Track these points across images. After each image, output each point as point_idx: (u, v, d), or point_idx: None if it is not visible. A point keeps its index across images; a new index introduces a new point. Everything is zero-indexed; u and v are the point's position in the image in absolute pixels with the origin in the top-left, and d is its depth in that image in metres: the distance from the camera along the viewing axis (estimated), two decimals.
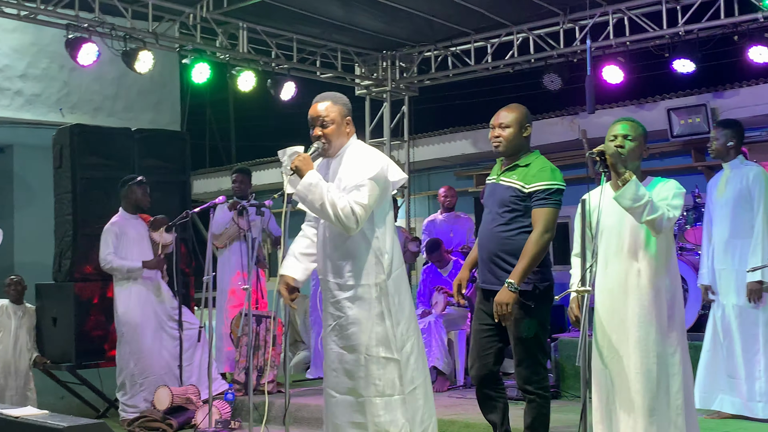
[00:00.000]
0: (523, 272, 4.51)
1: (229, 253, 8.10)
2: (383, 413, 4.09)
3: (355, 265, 4.15)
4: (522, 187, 4.62)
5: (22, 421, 4.03)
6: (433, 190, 11.59)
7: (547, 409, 4.73)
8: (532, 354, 4.65)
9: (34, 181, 10.39)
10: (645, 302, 3.89)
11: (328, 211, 4.02)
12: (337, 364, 4.21)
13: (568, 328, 8.79)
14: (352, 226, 4.04)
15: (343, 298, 4.18)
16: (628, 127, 4.01)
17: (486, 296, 4.79)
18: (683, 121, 9.26)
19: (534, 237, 4.54)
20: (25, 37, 10.14)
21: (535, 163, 4.69)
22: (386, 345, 4.12)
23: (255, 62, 9.40)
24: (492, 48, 9.85)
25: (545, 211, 4.57)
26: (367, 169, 4.10)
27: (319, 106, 4.26)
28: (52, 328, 7.94)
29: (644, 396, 3.84)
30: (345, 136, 4.28)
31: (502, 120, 4.72)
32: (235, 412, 6.91)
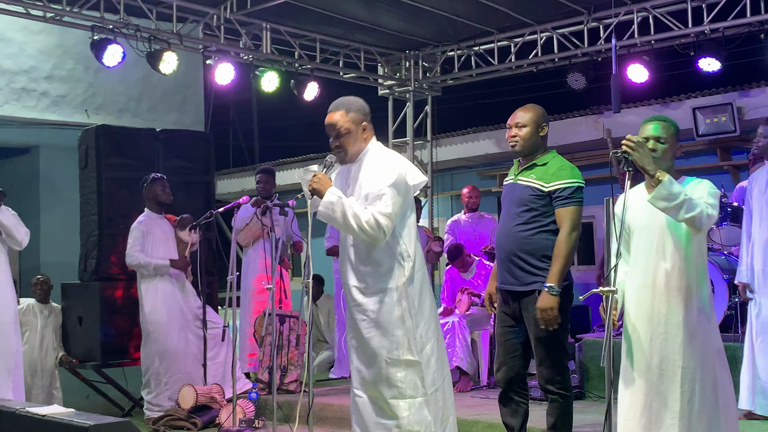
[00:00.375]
0: (559, 274, 4.50)
1: (253, 252, 8.12)
2: (407, 414, 4.10)
3: (377, 269, 4.17)
4: (541, 186, 4.62)
5: (49, 420, 4.07)
6: (457, 190, 11.58)
7: (570, 409, 4.72)
8: (553, 353, 4.63)
9: (59, 181, 10.47)
10: (673, 303, 3.83)
11: (353, 226, 4.05)
12: (361, 366, 4.24)
13: (592, 328, 8.76)
14: (379, 237, 4.07)
15: (364, 302, 4.19)
16: (659, 127, 3.92)
17: (505, 298, 4.79)
18: (709, 120, 9.18)
19: (563, 236, 4.54)
20: (50, 39, 10.22)
21: (553, 162, 4.69)
22: (407, 348, 4.13)
23: (278, 63, 9.43)
24: (515, 47, 9.83)
25: (570, 210, 4.57)
26: (387, 176, 4.10)
27: (334, 116, 4.26)
28: (77, 327, 8.01)
29: (671, 397, 3.78)
30: (362, 142, 4.28)
31: (518, 120, 4.73)
32: (259, 411, 6.93)
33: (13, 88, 10.07)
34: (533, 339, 4.66)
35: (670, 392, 3.78)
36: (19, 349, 6.60)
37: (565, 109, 11.06)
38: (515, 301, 4.71)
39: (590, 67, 9.20)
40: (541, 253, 4.60)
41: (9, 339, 6.41)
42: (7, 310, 6.46)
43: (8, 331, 6.43)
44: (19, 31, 9.95)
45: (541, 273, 4.59)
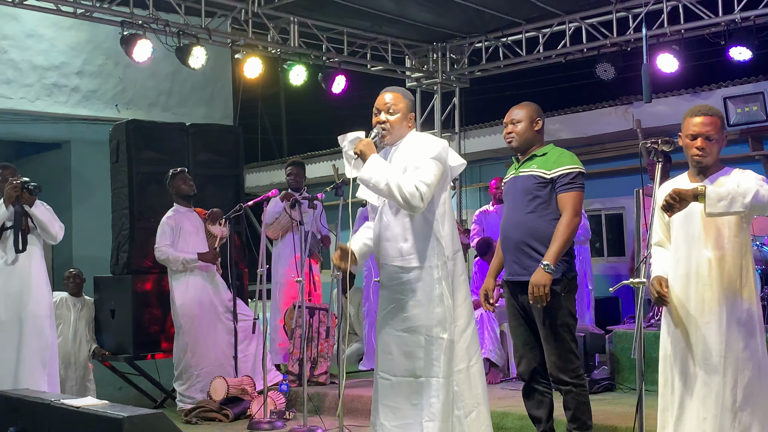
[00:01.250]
0: (557, 254, 4.57)
1: (282, 245, 8.16)
2: (439, 393, 4.10)
3: (416, 246, 4.19)
4: (544, 174, 4.71)
5: (83, 411, 4.12)
6: (485, 182, 11.55)
7: (586, 397, 4.73)
8: (563, 342, 4.66)
9: (91, 175, 10.57)
10: (716, 291, 3.80)
11: (393, 191, 4.07)
12: (394, 347, 4.23)
13: (623, 320, 8.72)
14: (418, 205, 4.08)
15: (405, 280, 4.20)
16: (701, 122, 3.89)
17: (513, 291, 4.84)
18: (740, 110, 9.09)
19: (565, 221, 4.62)
20: (81, 35, 10.31)
21: (552, 151, 4.82)
22: (443, 325, 4.14)
23: (306, 56, 9.45)
24: (543, 38, 9.77)
25: (572, 195, 4.66)
26: (429, 150, 4.18)
27: (388, 95, 4.37)
28: (110, 320, 8.09)
29: (708, 389, 3.74)
30: (406, 129, 4.36)
31: (513, 117, 4.89)
32: (290, 402, 6.97)
33: (45, 84, 10.18)
34: (541, 330, 4.70)
35: (714, 382, 3.74)
36: (54, 343, 6.66)
37: (594, 100, 10.99)
38: (524, 294, 4.73)
39: (619, 57, 9.14)
40: (548, 239, 4.65)
41: (44, 332, 6.48)
42: (43, 303, 6.52)
43: (43, 324, 6.49)
44: (49, 27, 10.06)
45: None
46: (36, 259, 6.55)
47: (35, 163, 11.36)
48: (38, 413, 4.47)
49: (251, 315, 7.41)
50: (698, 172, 3.96)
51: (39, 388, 6.10)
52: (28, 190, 6.40)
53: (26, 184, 6.39)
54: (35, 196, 6.43)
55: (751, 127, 9.17)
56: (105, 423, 3.93)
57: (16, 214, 6.38)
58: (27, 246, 6.40)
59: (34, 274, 6.50)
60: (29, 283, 6.45)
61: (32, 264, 6.50)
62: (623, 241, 11.15)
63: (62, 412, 4.29)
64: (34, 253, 6.51)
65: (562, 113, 11.07)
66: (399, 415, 4.19)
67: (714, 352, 3.77)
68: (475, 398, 4.24)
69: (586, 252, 8.43)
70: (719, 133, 3.92)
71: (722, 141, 3.95)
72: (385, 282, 4.33)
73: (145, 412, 4.01)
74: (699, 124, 3.90)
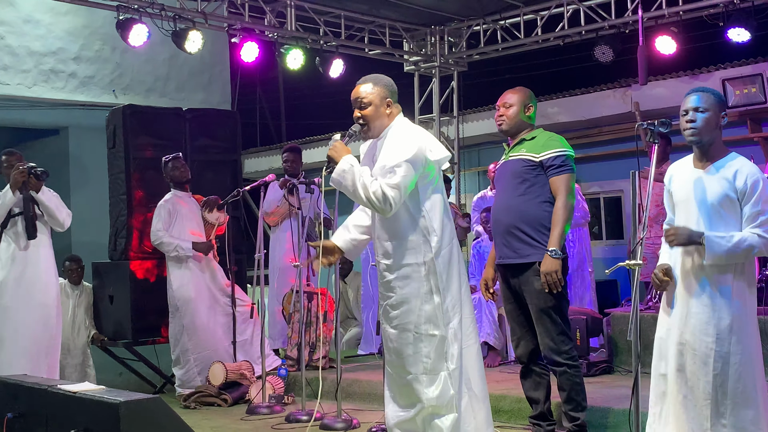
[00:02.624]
0: (560, 237, 4.65)
1: (280, 231, 8.15)
2: (430, 390, 4.11)
3: (402, 245, 4.18)
4: (533, 157, 4.77)
5: (81, 396, 4.12)
6: (483, 166, 11.52)
7: (580, 378, 4.77)
8: (557, 323, 4.71)
9: (89, 161, 10.55)
10: (712, 280, 3.75)
11: (361, 195, 4.07)
12: (389, 343, 4.27)
13: (621, 303, 8.72)
14: (385, 209, 4.06)
15: (392, 279, 4.21)
16: (697, 98, 3.83)
17: (504, 275, 4.90)
18: (738, 92, 9.06)
19: (560, 203, 4.69)
20: (77, 20, 10.27)
21: (540, 135, 4.87)
22: (434, 322, 4.14)
23: (303, 40, 9.42)
24: (542, 20, 9.74)
25: (564, 177, 4.73)
26: (404, 150, 4.10)
27: (359, 88, 4.31)
28: (108, 305, 8.10)
29: (703, 378, 3.71)
30: (385, 117, 4.28)
31: (506, 100, 4.93)
32: (288, 387, 6.99)
33: (42, 70, 10.15)
34: (534, 312, 4.76)
35: (703, 373, 3.71)
36: (58, 332, 6.61)
37: (592, 83, 10.95)
38: (515, 278, 4.81)
39: (617, 39, 9.11)
40: (539, 223, 4.73)
41: (49, 321, 6.43)
42: (50, 291, 6.47)
43: (50, 314, 6.44)
44: (46, 12, 10.01)
45: (538, 244, 4.70)
46: (44, 247, 6.50)
47: (33, 150, 11.32)
48: (36, 398, 4.47)
49: (249, 300, 7.43)
50: (701, 155, 3.86)
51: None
52: (35, 175, 6.33)
53: (33, 169, 6.32)
54: (42, 181, 6.36)
55: (749, 108, 9.14)
56: (102, 408, 3.93)
57: (25, 200, 6.32)
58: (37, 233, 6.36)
59: (42, 261, 6.46)
60: (38, 271, 6.42)
61: (41, 251, 6.46)
62: (622, 223, 11.14)
63: (60, 397, 4.29)
64: (42, 241, 6.47)
65: (560, 96, 11.04)
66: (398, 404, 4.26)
67: (703, 344, 3.73)
68: (466, 384, 4.24)
69: (586, 234, 8.43)
70: (713, 109, 3.82)
71: (717, 117, 3.84)
72: (379, 279, 4.36)
73: (142, 397, 4.00)
74: (690, 100, 3.86)
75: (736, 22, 8.20)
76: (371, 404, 6.48)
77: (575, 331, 6.67)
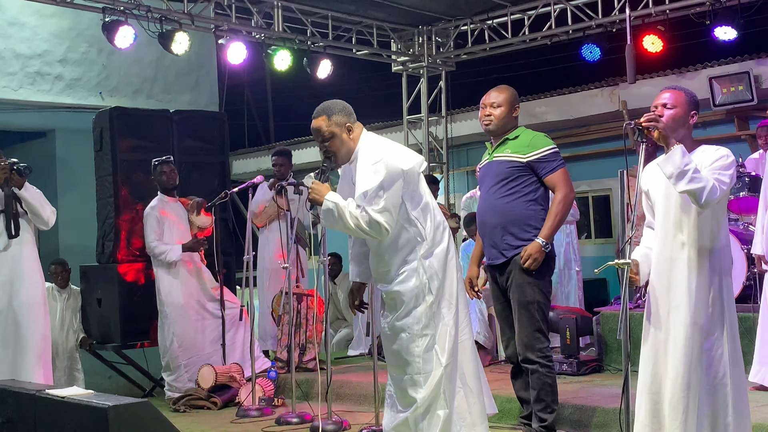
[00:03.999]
0: (552, 230, 4.67)
1: (268, 232, 8.13)
2: (424, 389, 4.11)
3: (394, 257, 4.19)
4: (519, 158, 4.76)
5: (69, 401, 4.10)
6: (472, 166, 11.52)
7: (552, 379, 4.76)
8: (534, 321, 4.70)
9: (76, 164, 10.51)
10: (690, 275, 3.77)
11: (353, 228, 4.09)
12: (386, 344, 4.30)
13: (610, 301, 8.73)
14: (382, 233, 4.09)
15: (386, 289, 4.24)
16: (668, 95, 3.87)
17: (493, 275, 4.91)
18: (725, 90, 9.10)
19: (559, 197, 4.70)
20: (63, 22, 10.23)
21: (524, 134, 4.86)
22: (427, 322, 4.14)
23: (290, 41, 9.39)
24: (529, 20, 9.75)
25: (559, 173, 4.74)
26: (376, 173, 4.09)
27: (315, 123, 4.27)
28: (96, 309, 8.06)
29: (684, 370, 3.73)
30: (350, 142, 4.26)
31: (493, 100, 4.91)
32: (278, 389, 6.97)
33: (28, 72, 10.10)
34: (514, 306, 4.76)
35: (682, 365, 3.73)
36: (47, 334, 6.50)
37: (580, 82, 10.98)
38: (502, 276, 4.82)
39: (605, 38, 9.13)
40: (524, 222, 4.73)
41: (38, 322, 6.26)
42: (36, 291, 6.30)
43: (37, 314, 6.29)
44: (32, 15, 9.97)
45: (523, 243, 4.70)
46: (27, 245, 6.30)
47: (20, 152, 11.26)
48: (23, 403, 4.45)
49: (238, 303, 7.41)
50: None
51: (36, 379, 5.99)
52: (18, 171, 6.11)
53: (15, 165, 6.17)
54: (25, 177, 6.16)
55: (736, 106, 9.18)
56: (90, 412, 3.92)
57: (6, 198, 6.12)
58: (20, 231, 6.22)
59: (26, 261, 6.28)
60: (21, 271, 6.23)
61: (23, 250, 6.26)
62: (611, 222, 11.16)
63: (48, 402, 4.27)
64: (25, 239, 6.26)
65: (548, 95, 11.06)
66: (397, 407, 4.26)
67: (682, 337, 3.75)
68: (461, 379, 4.24)
69: (574, 233, 8.45)
70: (681, 104, 3.83)
71: (686, 115, 3.85)
72: (375, 285, 4.39)
73: (131, 401, 3.99)
74: (660, 97, 3.89)
75: (723, 21, 8.22)
76: (362, 406, 6.47)
77: (565, 330, 6.68)
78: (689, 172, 3.60)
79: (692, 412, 3.71)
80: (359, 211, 4.06)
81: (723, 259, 3.85)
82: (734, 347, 3.83)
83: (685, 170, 3.60)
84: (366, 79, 16.57)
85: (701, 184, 3.61)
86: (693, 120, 3.88)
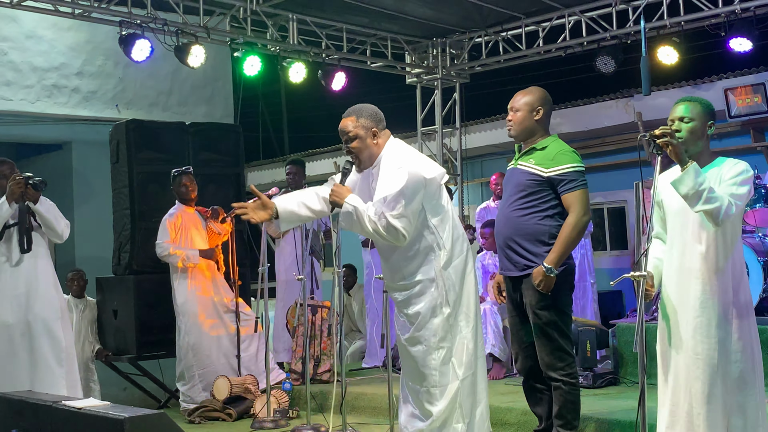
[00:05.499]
0: (559, 257, 4.51)
1: (284, 243, 8.14)
2: (440, 402, 4.11)
3: (411, 264, 4.20)
4: (540, 172, 4.61)
5: (85, 412, 4.11)
6: (486, 177, 11.53)
7: (576, 396, 4.67)
8: (553, 339, 4.61)
9: (92, 176, 10.56)
10: (707, 286, 3.75)
11: (371, 232, 4.12)
12: (403, 356, 4.31)
13: (626, 313, 8.70)
14: (399, 239, 4.11)
15: (403, 299, 4.24)
16: (683, 108, 3.82)
17: (507, 287, 4.82)
18: (741, 101, 9.07)
19: (571, 220, 4.53)
20: (80, 36, 10.30)
21: (552, 146, 4.66)
22: (443, 335, 4.15)
23: (305, 53, 9.44)
24: (543, 32, 9.75)
25: (578, 193, 4.55)
26: (398, 179, 4.11)
27: (343, 122, 4.33)
28: (112, 320, 8.08)
29: (704, 382, 3.72)
30: (374, 147, 4.30)
31: (513, 104, 4.74)
32: (293, 401, 6.97)
33: (45, 85, 10.17)
34: (533, 326, 4.66)
35: (702, 379, 3.71)
36: (70, 344, 6.45)
37: (594, 93, 10.98)
38: (516, 290, 4.74)
39: (619, 49, 9.12)
40: (536, 238, 4.61)
41: (55, 333, 6.23)
42: (51, 305, 6.28)
43: (53, 327, 6.28)
44: (48, 28, 10.04)
45: (536, 258, 4.58)
46: (42, 258, 6.30)
47: (37, 165, 11.34)
48: (40, 415, 4.46)
49: (253, 314, 7.41)
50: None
51: (57, 390, 5.94)
52: (33, 185, 6.09)
53: (30, 179, 6.18)
54: (40, 191, 6.16)
55: (752, 118, 9.15)
56: (107, 424, 3.92)
57: (20, 212, 6.09)
58: (32, 246, 6.22)
59: (40, 274, 6.28)
60: (36, 285, 6.22)
61: (38, 264, 6.26)
62: (626, 234, 11.13)
63: (64, 413, 4.28)
64: (39, 253, 6.28)
65: (562, 107, 11.05)
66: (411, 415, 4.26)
67: (702, 348, 3.73)
68: (480, 394, 4.24)
69: (588, 245, 8.42)
70: (699, 116, 3.80)
71: (703, 126, 3.82)
72: (392, 297, 4.37)
73: (147, 413, 4.00)
74: (677, 109, 3.85)
75: (738, 32, 8.21)
76: (376, 418, 6.46)
77: (585, 343, 6.63)
78: (704, 193, 3.58)
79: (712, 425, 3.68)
80: (377, 216, 4.08)
81: (741, 271, 3.82)
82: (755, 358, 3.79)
83: (700, 191, 3.58)
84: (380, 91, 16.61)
85: (717, 204, 3.59)
86: (710, 129, 3.86)
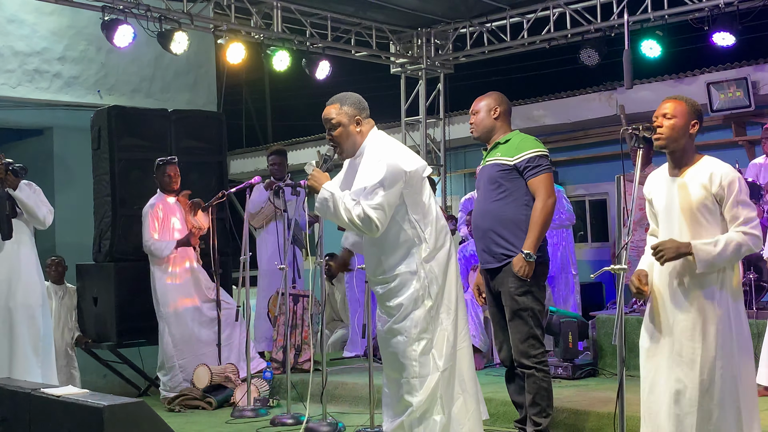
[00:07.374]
0: (536, 241, 4.64)
1: (266, 233, 8.13)
2: (420, 393, 4.11)
3: (391, 258, 4.21)
4: (507, 161, 4.77)
5: (64, 400, 4.10)
6: (470, 168, 11.55)
7: (548, 383, 4.76)
8: (527, 327, 4.70)
9: (73, 162, 10.49)
10: (695, 286, 3.74)
11: (345, 220, 4.12)
12: (383, 347, 4.31)
13: (605, 305, 8.74)
14: (372, 230, 4.11)
15: (384, 292, 4.24)
16: (668, 105, 3.84)
17: (486, 279, 4.91)
18: (723, 95, 9.11)
19: (539, 205, 4.67)
20: (62, 20, 10.21)
21: (514, 138, 4.87)
22: (424, 326, 4.15)
23: (289, 41, 9.40)
24: (528, 23, 9.76)
25: (541, 178, 4.71)
26: (378, 170, 4.12)
27: (327, 110, 4.33)
28: (92, 307, 8.05)
29: (686, 383, 3.70)
30: (357, 136, 4.30)
31: (474, 108, 4.99)
32: (274, 390, 6.97)
33: (26, 70, 10.07)
34: (508, 313, 4.76)
35: (689, 379, 3.70)
36: (49, 333, 6.46)
37: (578, 86, 11.00)
38: (494, 281, 4.82)
39: (603, 42, 9.14)
40: (516, 226, 4.72)
41: (35, 322, 6.26)
42: (34, 292, 6.28)
43: (35, 314, 6.27)
44: (31, 12, 9.94)
45: (514, 247, 4.69)
46: (25, 245, 6.27)
47: (18, 150, 11.24)
48: (19, 402, 4.44)
49: (233, 303, 7.40)
50: (674, 162, 3.85)
51: (32, 378, 5.95)
52: (13, 171, 6.08)
53: (10, 165, 6.12)
54: (21, 178, 6.13)
55: (734, 112, 9.19)
56: (85, 412, 3.92)
57: (0, 199, 6.10)
58: (14, 233, 6.16)
59: (23, 261, 6.25)
60: (18, 272, 6.21)
61: (21, 251, 6.23)
62: (607, 226, 11.17)
63: (43, 401, 4.27)
64: (22, 240, 6.25)
65: (546, 99, 11.07)
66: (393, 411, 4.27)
67: (690, 349, 3.72)
68: (460, 385, 4.25)
69: (570, 237, 8.44)
70: (681, 116, 3.81)
71: (686, 124, 3.81)
72: (374, 291, 4.37)
73: (126, 401, 3.99)
74: (661, 108, 3.87)
75: (721, 26, 8.24)
76: (357, 407, 6.47)
77: (567, 335, 6.68)
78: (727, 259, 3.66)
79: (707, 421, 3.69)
80: (354, 203, 4.08)
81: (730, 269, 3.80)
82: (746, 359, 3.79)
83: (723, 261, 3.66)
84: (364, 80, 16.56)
85: (743, 250, 3.68)
86: (694, 129, 3.85)
